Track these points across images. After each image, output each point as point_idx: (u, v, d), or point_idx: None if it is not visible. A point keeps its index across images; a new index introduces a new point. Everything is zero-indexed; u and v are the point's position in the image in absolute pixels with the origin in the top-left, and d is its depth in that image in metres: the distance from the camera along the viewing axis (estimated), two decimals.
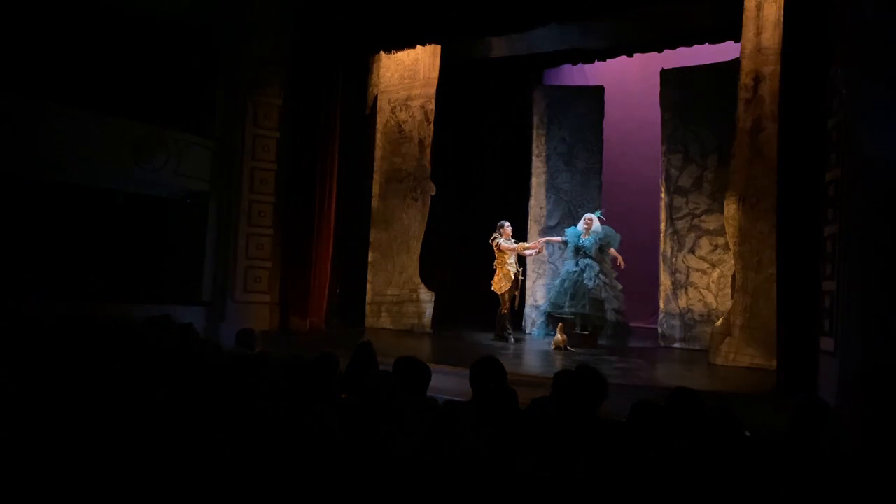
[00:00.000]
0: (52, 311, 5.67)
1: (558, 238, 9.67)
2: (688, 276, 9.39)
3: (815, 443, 3.03)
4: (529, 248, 9.68)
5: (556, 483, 2.66)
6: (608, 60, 10.70)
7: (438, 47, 10.11)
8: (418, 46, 9.82)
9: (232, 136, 9.27)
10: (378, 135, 10.63)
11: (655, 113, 9.85)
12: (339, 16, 9.25)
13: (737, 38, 7.92)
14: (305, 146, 9.46)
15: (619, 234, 9.14)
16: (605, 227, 9.16)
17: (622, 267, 9.05)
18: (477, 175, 12.12)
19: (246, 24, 9.25)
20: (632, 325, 9.37)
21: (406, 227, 10.52)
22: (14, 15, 7.46)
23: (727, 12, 8.02)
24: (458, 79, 10.83)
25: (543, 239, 10.04)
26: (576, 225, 9.39)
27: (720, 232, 8.75)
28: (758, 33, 7.64)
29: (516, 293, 9.50)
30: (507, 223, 9.47)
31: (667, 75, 9.68)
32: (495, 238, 9.31)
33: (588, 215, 9.27)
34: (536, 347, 8.99)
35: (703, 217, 9.33)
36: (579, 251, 9.02)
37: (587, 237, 9.01)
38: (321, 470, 2.77)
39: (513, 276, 9.37)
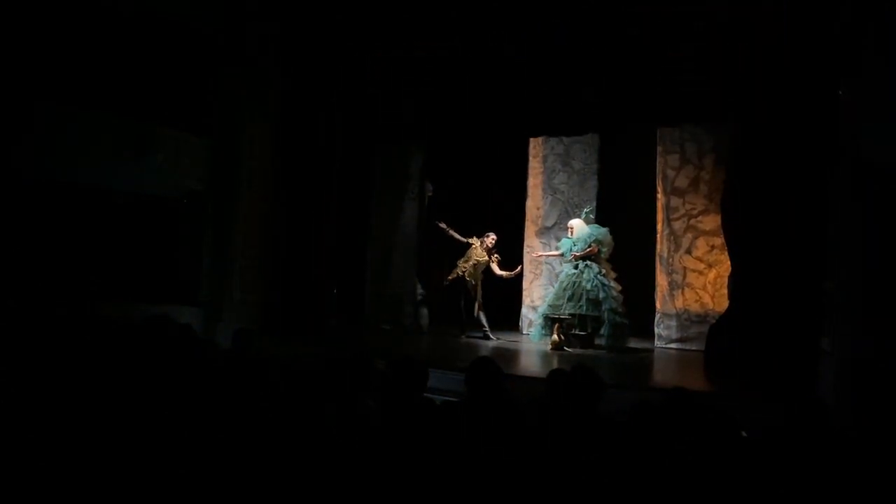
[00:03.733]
0: (52, 311, 5.67)
1: (555, 252, 9.74)
2: (684, 277, 9.42)
3: (813, 442, 3.05)
4: (508, 274, 9.87)
5: (553, 483, 2.67)
6: None
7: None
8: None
9: (230, 136, 9.26)
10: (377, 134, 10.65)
11: None
12: (338, 16, 9.27)
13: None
14: (304, 145, 9.47)
15: (605, 228, 9.17)
16: (591, 225, 9.19)
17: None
18: (474, 175, 12.13)
19: (244, 22, 9.25)
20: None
21: (404, 227, 10.54)
22: (10, 12, 7.45)
23: None
24: (456, 77, 10.82)
25: (541, 254, 10.28)
26: None
27: (717, 232, 8.76)
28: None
29: (472, 290, 9.73)
30: (492, 234, 9.76)
31: None
32: (494, 259, 9.73)
33: (570, 223, 9.35)
34: (534, 348, 9.01)
35: (700, 217, 9.37)
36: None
37: (577, 245, 9.06)
38: (320, 472, 2.79)
39: (459, 273, 9.67)
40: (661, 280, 9.56)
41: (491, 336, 9.49)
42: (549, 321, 8.92)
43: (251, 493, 2.79)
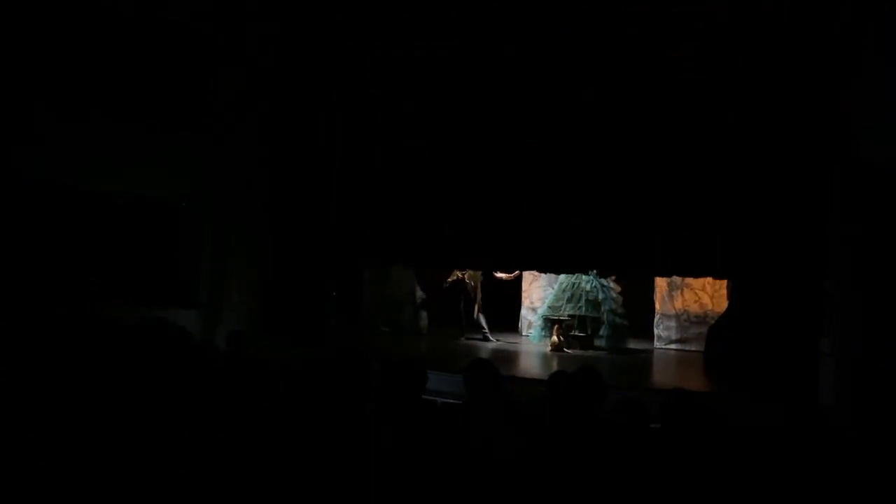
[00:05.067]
0: (52, 312, 5.66)
1: None
2: (683, 278, 9.40)
3: (811, 443, 3.05)
4: (507, 277, 9.87)
5: (553, 483, 2.67)
6: None
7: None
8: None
9: (230, 136, 9.24)
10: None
11: None
12: (338, 16, 9.27)
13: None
14: (304, 145, 9.45)
15: None
16: None
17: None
18: (473, 176, 12.08)
19: (244, 22, 9.23)
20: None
21: None
22: (10, 13, 7.45)
23: None
24: (453, 78, 10.81)
25: None
26: None
27: None
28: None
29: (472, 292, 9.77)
30: None
31: None
32: None
33: None
34: (534, 350, 9.01)
35: None
36: None
37: None
38: (319, 473, 2.78)
39: (458, 275, 9.73)
40: (661, 281, 9.55)
41: (490, 338, 9.49)
42: (549, 322, 8.92)
43: (250, 494, 2.79)
